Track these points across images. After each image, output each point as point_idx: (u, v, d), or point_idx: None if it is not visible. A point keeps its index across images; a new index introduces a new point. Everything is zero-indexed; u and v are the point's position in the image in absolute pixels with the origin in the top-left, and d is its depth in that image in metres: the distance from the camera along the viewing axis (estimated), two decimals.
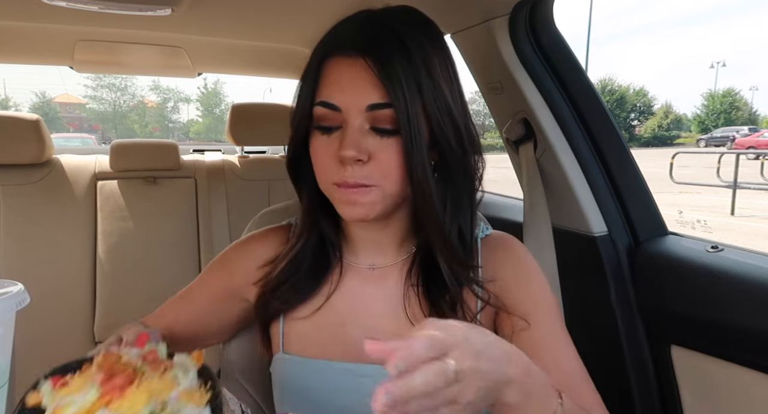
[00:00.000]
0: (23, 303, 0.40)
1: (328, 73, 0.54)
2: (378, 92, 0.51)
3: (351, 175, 0.53)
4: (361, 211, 0.54)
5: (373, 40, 0.53)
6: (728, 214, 6.99)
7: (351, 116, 0.53)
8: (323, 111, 0.54)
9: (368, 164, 0.53)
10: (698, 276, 0.79)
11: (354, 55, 0.53)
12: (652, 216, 0.95)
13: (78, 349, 1.57)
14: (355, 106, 0.52)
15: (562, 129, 0.95)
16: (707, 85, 53.06)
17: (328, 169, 0.54)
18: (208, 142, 24.24)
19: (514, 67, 0.94)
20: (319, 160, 0.56)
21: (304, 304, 0.62)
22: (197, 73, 1.88)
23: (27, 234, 1.53)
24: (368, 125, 0.53)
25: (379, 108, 0.52)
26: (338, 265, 0.64)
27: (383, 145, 0.53)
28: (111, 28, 1.30)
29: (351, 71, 0.53)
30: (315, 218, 0.62)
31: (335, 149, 0.53)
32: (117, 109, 42.27)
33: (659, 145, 30.65)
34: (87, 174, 1.65)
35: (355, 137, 0.52)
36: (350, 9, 0.58)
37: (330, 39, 0.56)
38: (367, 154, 0.52)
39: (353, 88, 0.52)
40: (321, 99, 0.54)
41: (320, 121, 0.55)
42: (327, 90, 0.54)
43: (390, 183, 0.54)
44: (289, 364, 0.62)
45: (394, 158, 0.53)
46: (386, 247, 0.64)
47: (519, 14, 0.89)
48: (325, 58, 0.55)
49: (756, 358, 0.72)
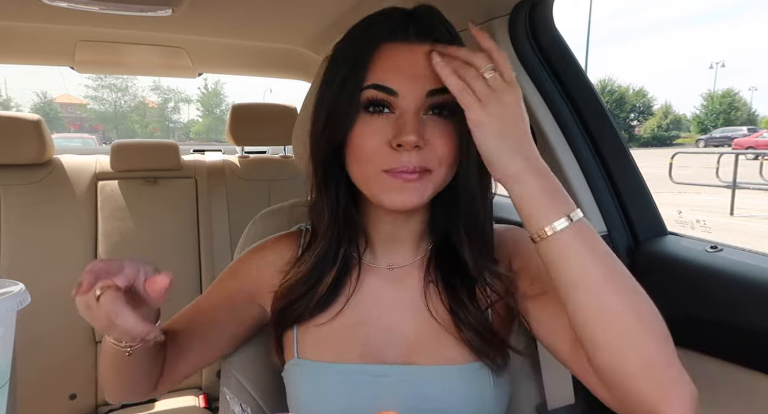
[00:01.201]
0: (24, 303, 0.40)
1: (382, 58, 0.54)
2: (437, 78, 0.51)
3: (409, 160, 0.52)
4: (413, 198, 0.54)
5: (430, 29, 0.55)
6: (727, 214, 6.99)
7: (408, 101, 0.53)
8: (376, 94, 0.53)
9: (424, 150, 0.53)
10: (698, 276, 0.80)
11: (411, 41, 0.54)
12: (651, 216, 0.95)
13: (78, 349, 1.57)
14: (414, 91, 0.53)
15: (561, 129, 0.95)
16: (706, 85, 53.07)
17: (379, 155, 0.53)
18: (209, 142, 24.24)
19: (513, 68, 0.93)
20: (367, 146, 0.53)
21: (323, 313, 0.62)
22: (198, 73, 1.88)
23: (28, 234, 1.53)
24: (423, 112, 0.53)
25: (438, 93, 0.53)
26: (356, 267, 0.63)
27: (438, 130, 0.54)
28: (112, 28, 1.30)
29: (411, 57, 0.53)
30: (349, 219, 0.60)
31: (387, 134, 0.53)
32: (118, 109, 42.27)
33: (659, 146, 30.66)
34: (87, 174, 1.65)
35: (415, 122, 0.52)
36: (350, 9, 0.59)
37: (377, 25, 0.56)
38: (425, 139, 0.52)
39: (412, 73, 0.53)
40: (375, 82, 0.53)
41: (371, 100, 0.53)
42: (383, 74, 0.53)
43: (444, 168, 0.54)
44: (306, 369, 0.61)
45: (449, 143, 0.54)
46: (404, 244, 0.63)
47: (519, 14, 0.89)
48: (380, 43, 0.54)
49: (756, 358, 0.72)
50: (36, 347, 1.50)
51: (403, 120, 0.52)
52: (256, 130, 1.82)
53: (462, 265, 0.60)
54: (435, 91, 0.53)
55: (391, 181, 0.53)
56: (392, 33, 0.55)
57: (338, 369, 0.60)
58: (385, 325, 0.62)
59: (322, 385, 0.60)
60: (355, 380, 0.59)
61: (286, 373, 0.64)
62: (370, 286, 0.63)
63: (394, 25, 0.55)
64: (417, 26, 0.55)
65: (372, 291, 0.63)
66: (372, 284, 0.63)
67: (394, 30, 0.55)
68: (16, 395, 0.52)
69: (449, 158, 0.54)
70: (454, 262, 0.61)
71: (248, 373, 0.75)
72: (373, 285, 0.63)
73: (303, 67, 1.72)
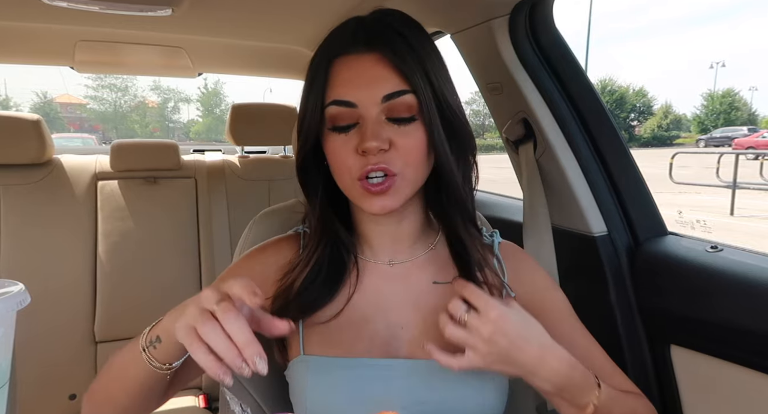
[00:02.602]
0: (24, 303, 0.40)
1: (337, 73, 0.56)
2: (391, 82, 0.54)
3: (376, 161, 0.54)
4: (386, 202, 0.56)
5: (377, 36, 0.56)
6: (728, 214, 6.99)
7: (367, 109, 0.55)
8: (337, 110, 0.56)
9: (389, 152, 0.55)
10: (698, 276, 0.80)
11: (362, 51, 0.56)
12: (651, 216, 0.95)
13: (78, 349, 1.57)
14: (370, 99, 0.54)
15: (561, 129, 0.95)
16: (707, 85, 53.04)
17: (350, 165, 0.56)
18: (209, 142, 24.23)
19: (513, 68, 0.94)
20: (339, 159, 0.57)
21: (323, 310, 0.62)
22: (198, 73, 1.88)
23: (27, 234, 1.53)
24: (384, 116, 0.55)
25: (395, 96, 0.54)
26: (354, 265, 0.64)
27: (401, 133, 0.55)
28: (112, 28, 1.30)
29: (361, 67, 0.55)
30: (329, 222, 0.63)
31: (354, 145, 0.55)
32: (118, 109, 42.27)
33: (659, 145, 30.66)
34: (87, 174, 1.65)
35: (376, 128, 0.54)
36: (350, 9, 0.59)
37: (332, 42, 0.58)
38: (388, 142, 0.55)
39: (366, 82, 0.55)
40: (334, 98, 0.56)
41: (335, 121, 0.56)
42: (339, 89, 0.56)
43: (411, 169, 0.56)
44: (312, 365, 0.61)
45: (414, 144, 0.56)
46: (403, 243, 0.65)
47: (519, 14, 0.89)
48: (332, 60, 0.57)
49: (756, 358, 0.72)
50: (36, 347, 1.50)
51: (365, 128, 0.55)
52: (256, 130, 1.82)
53: (463, 263, 0.62)
54: (390, 95, 0.54)
55: (364, 189, 0.56)
56: (343, 46, 0.57)
57: (346, 363, 0.60)
58: (389, 320, 0.62)
59: (329, 379, 0.60)
60: (362, 374, 0.59)
61: (290, 371, 0.64)
62: (372, 282, 0.64)
63: (345, 37, 0.57)
64: (366, 34, 0.56)
65: (374, 287, 0.64)
66: (374, 281, 0.64)
67: (344, 43, 0.57)
68: (16, 395, 0.52)
69: (415, 159, 0.56)
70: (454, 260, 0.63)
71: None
72: (375, 281, 0.64)
73: (303, 67, 1.71)
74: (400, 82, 0.55)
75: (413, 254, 0.65)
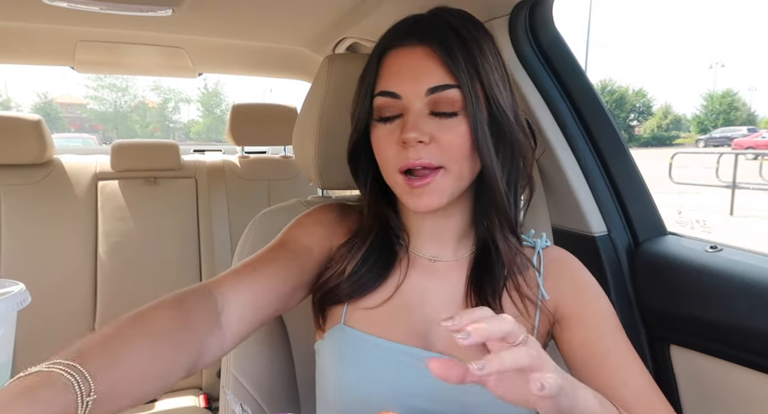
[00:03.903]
0: (24, 303, 0.40)
1: (387, 65, 0.58)
2: (437, 76, 0.55)
3: (415, 155, 0.54)
4: (429, 201, 0.56)
5: (429, 29, 0.57)
6: (727, 214, 6.99)
7: (411, 102, 0.55)
8: (383, 100, 0.57)
9: (430, 145, 0.55)
10: (698, 276, 0.80)
11: (412, 44, 0.56)
12: (651, 216, 0.95)
13: None
14: (414, 92, 0.55)
15: (561, 129, 0.95)
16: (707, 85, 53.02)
17: (392, 156, 0.57)
18: (209, 142, 24.24)
19: (513, 68, 0.94)
20: (382, 149, 0.58)
21: (371, 295, 0.63)
22: (198, 73, 1.88)
23: (28, 234, 1.54)
24: (428, 110, 0.55)
25: (439, 90, 0.54)
26: (405, 255, 0.65)
27: (444, 127, 0.55)
28: (112, 28, 1.30)
29: (410, 59, 0.56)
30: (379, 211, 0.64)
31: (397, 136, 0.56)
32: (118, 109, 42.24)
33: (658, 146, 30.65)
34: (88, 174, 1.65)
35: (417, 120, 0.55)
36: (350, 9, 0.59)
37: (387, 35, 0.59)
38: (428, 135, 0.55)
39: (413, 74, 0.55)
40: (381, 89, 0.57)
41: (381, 111, 0.57)
42: (387, 80, 0.57)
43: (455, 163, 0.56)
44: (350, 336, 0.61)
45: (456, 138, 0.55)
46: (446, 240, 0.65)
47: (518, 15, 0.89)
48: (384, 52, 0.58)
49: (756, 358, 0.72)
50: (36, 347, 1.50)
51: (406, 119, 0.55)
52: (256, 130, 1.82)
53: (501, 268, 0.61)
54: (435, 88, 0.55)
55: (406, 184, 0.56)
56: (397, 39, 0.58)
57: (384, 344, 0.60)
58: (428, 314, 0.62)
59: (364, 356, 0.60)
60: (398, 359, 0.59)
61: (326, 342, 0.63)
62: (416, 274, 0.64)
63: (400, 31, 0.58)
64: (420, 28, 0.57)
65: (418, 280, 0.64)
66: (418, 273, 0.65)
67: (398, 36, 0.58)
68: None
69: (457, 153, 0.55)
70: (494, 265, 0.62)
71: (248, 373, 0.75)
72: (418, 274, 0.65)
73: (303, 67, 1.72)
74: (445, 76, 0.55)
75: (456, 254, 0.65)
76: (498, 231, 0.61)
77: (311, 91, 0.78)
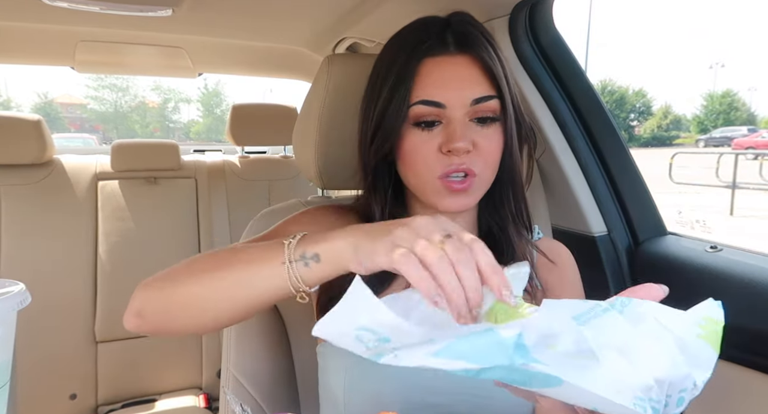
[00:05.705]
0: (24, 303, 0.40)
1: (426, 73, 0.57)
2: (481, 86, 0.56)
3: (459, 162, 0.56)
4: (465, 201, 0.58)
5: (465, 37, 0.57)
6: (727, 214, 6.99)
7: (455, 111, 0.56)
8: (425, 109, 0.57)
9: (471, 154, 0.57)
10: (698, 276, 0.80)
11: (453, 53, 0.57)
12: (651, 216, 0.95)
13: (78, 349, 1.57)
14: (459, 101, 0.56)
15: (561, 129, 0.95)
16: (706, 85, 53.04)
17: (432, 162, 0.57)
18: (209, 142, 24.23)
19: (513, 68, 0.94)
20: (420, 155, 0.58)
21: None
22: (198, 73, 1.88)
23: (28, 234, 1.54)
24: (468, 118, 0.57)
25: (483, 100, 0.56)
26: None
27: (483, 134, 0.57)
28: (112, 28, 1.30)
29: (453, 68, 0.57)
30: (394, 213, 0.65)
31: (438, 143, 0.57)
32: (118, 109, 42.23)
33: (658, 146, 30.65)
34: (88, 174, 1.65)
35: (463, 129, 0.56)
36: (350, 9, 0.59)
37: (416, 41, 0.58)
38: (473, 144, 0.57)
39: (457, 84, 0.56)
40: (422, 98, 0.57)
41: (419, 118, 0.57)
42: (428, 89, 0.57)
43: (489, 171, 0.59)
44: None
45: (494, 146, 0.58)
46: None
47: (519, 15, 0.89)
48: (420, 59, 0.57)
49: (756, 358, 0.72)
50: (36, 347, 1.51)
51: (452, 128, 0.56)
52: (256, 130, 1.82)
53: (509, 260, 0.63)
54: (479, 99, 0.56)
55: (445, 186, 0.57)
56: (433, 47, 0.57)
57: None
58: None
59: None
60: None
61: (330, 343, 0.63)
62: None
63: (434, 37, 0.58)
64: (455, 36, 0.58)
65: None
66: None
67: (434, 43, 0.57)
68: (17, 395, 0.52)
69: (494, 160, 0.59)
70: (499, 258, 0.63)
71: (248, 373, 0.75)
72: None
73: (303, 67, 1.72)
74: (489, 86, 0.57)
75: None
76: (511, 225, 0.64)
77: (311, 91, 0.78)
